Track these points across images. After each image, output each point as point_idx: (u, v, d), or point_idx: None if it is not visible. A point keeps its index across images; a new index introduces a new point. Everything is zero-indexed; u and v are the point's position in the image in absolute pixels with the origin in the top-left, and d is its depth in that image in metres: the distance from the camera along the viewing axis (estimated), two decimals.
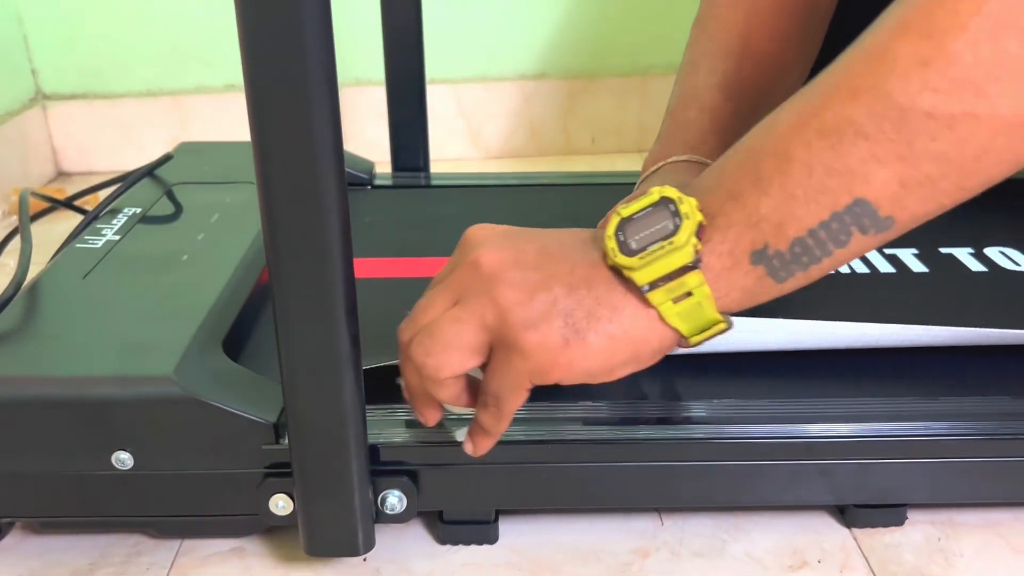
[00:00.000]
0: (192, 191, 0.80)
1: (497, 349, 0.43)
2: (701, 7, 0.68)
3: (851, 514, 0.54)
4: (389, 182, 0.92)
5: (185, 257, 0.67)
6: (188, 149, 0.90)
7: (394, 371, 0.54)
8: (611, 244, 0.42)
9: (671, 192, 0.42)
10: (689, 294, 0.41)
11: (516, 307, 0.42)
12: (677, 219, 0.41)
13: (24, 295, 0.61)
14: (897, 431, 0.52)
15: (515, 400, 0.44)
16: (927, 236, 0.72)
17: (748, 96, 0.62)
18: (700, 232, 0.41)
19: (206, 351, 0.54)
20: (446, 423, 0.51)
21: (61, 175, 1.23)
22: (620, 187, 0.95)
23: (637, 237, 0.42)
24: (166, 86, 1.21)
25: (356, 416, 0.46)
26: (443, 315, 0.44)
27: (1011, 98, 0.37)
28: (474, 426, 0.46)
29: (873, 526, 0.54)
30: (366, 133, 1.16)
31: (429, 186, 0.93)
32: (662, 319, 0.42)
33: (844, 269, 0.69)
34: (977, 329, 0.56)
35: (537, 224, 0.81)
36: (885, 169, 0.38)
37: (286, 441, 0.48)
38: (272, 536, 0.55)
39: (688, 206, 0.41)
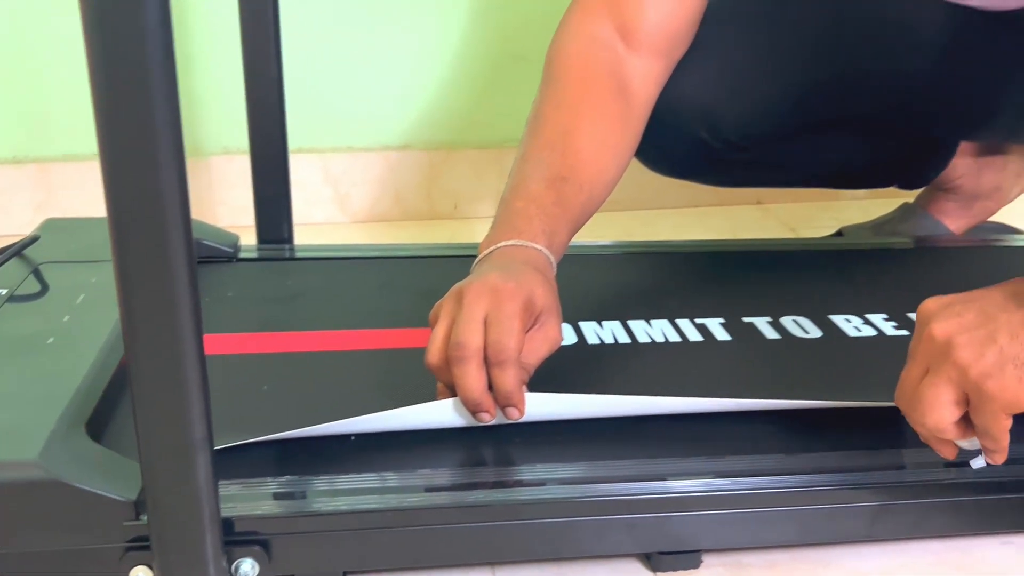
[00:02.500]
0: (59, 270, 0.80)
1: (971, 396, 0.51)
2: (532, 108, 0.76)
3: (655, 560, 0.60)
4: (254, 255, 0.95)
5: (51, 340, 0.68)
6: (55, 226, 0.91)
7: (251, 445, 0.59)
8: None
9: None
10: None
11: (972, 364, 0.50)
12: None
13: None
14: (690, 487, 0.59)
15: (999, 427, 0.52)
16: (732, 307, 0.82)
17: (569, 185, 0.70)
18: None
19: (70, 434, 0.56)
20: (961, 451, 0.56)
21: None
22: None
23: None
24: (32, 153, 1.21)
25: (209, 492, 0.49)
26: (921, 384, 0.53)
27: None
28: (985, 452, 0.54)
29: (674, 570, 0.60)
30: (236, 200, 1.19)
31: (293, 258, 0.96)
32: None
33: (659, 338, 0.77)
34: (763, 400, 0.64)
35: (399, 296, 0.87)
36: None
37: (145, 517, 0.50)
38: None
39: None
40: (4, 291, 0.76)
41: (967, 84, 0.88)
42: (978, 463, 0.56)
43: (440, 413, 0.61)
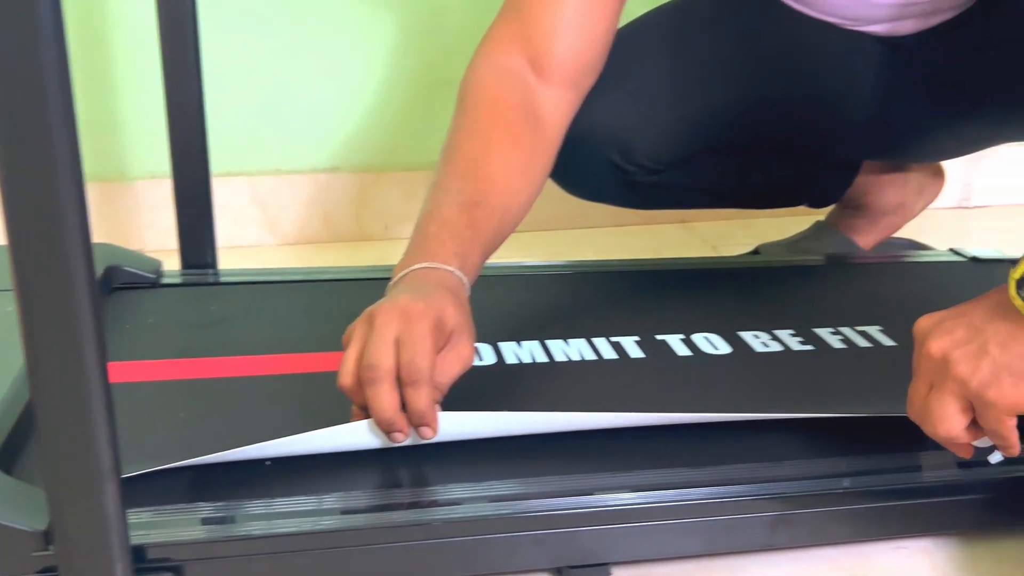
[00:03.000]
0: None
1: (975, 405, 0.56)
2: (447, 137, 0.78)
3: (566, 575, 0.61)
4: (177, 280, 0.94)
5: None
6: None
7: (165, 471, 0.59)
8: (1018, 303, 0.54)
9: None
10: None
11: (970, 377, 0.54)
12: None
13: None
14: (598, 502, 0.61)
15: (1006, 428, 0.55)
16: (646, 325, 0.85)
17: (481, 210, 0.72)
18: None
19: None
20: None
21: None
22: None
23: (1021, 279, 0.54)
24: None
25: (118, 520, 0.49)
26: (928, 398, 0.58)
27: None
28: (999, 449, 0.58)
29: None
30: (164, 224, 1.19)
31: (217, 283, 0.96)
32: None
33: (575, 356, 0.80)
34: (672, 414, 0.67)
35: (324, 319, 0.87)
36: None
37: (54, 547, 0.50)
38: None
39: None
40: None
41: (866, 106, 0.92)
42: (995, 458, 0.60)
43: (354, 435, 0.62)
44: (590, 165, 0.87)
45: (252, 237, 1.27)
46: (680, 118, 0.90)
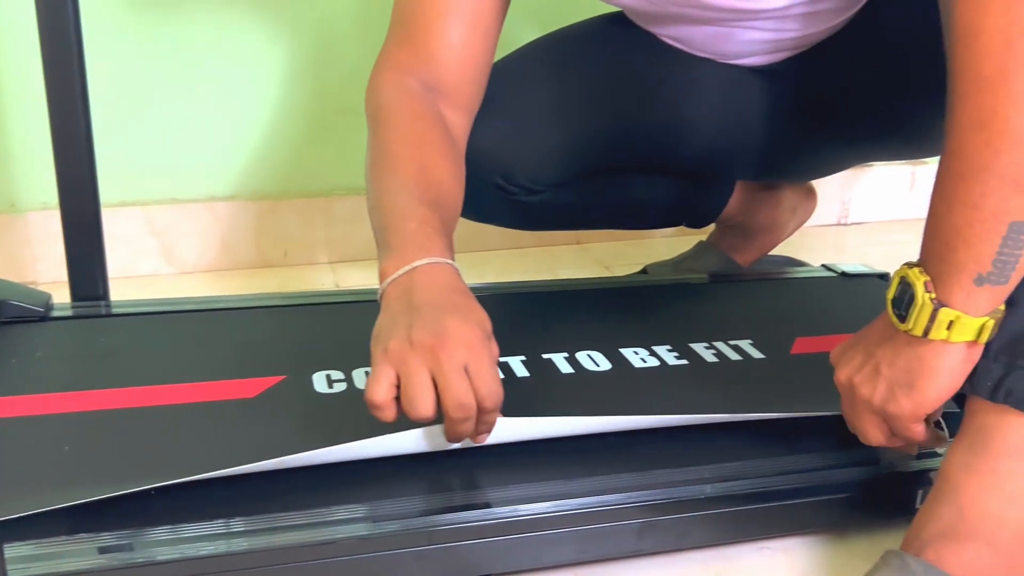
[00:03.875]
0: None
1: (884, 418, 0.63)
2: (374, 155, 0.77)
3: None
4: (68, 313, 0.93)
5: None
6: None
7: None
8: (894, 320, 0.60)
9: (901, 271, 0.61)
10: (953, 321, 0.57)
11: (872, 398, 0.62)
12: (911, 289, 0.59)
13: None
14: (474, 517, 0.63)
15: (912, 432, 0.63)
16: (533, 345, 0.87)
17: (444, 210, 0.73)
18: (928, 286, 0.58)
19: None
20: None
21: None
22: (306, 307, 1.02)
23: (899, 311, 0.60)
24: None
25: None
26: (851, 418, 0.66)
27: None
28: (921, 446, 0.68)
29: None
30: (58, 256, 1.17)
31: (110, 315, 0.95)
32: (951, 342, 0.58)
33: (523, 372, 0.83)
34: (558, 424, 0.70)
35: (217, 348, 0.88)
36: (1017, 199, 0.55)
37: None
38: None
39: (913, 276, 0.59)
40: None
41: (740, 130, 0.96)
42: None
43: (406, 442, 0.65)
44: (477, 187, 0.89)
45: (148, 267, 1.27)
46: (559, 142, 0.93)
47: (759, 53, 0.91)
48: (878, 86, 0.91)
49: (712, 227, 1.20)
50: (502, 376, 0.79)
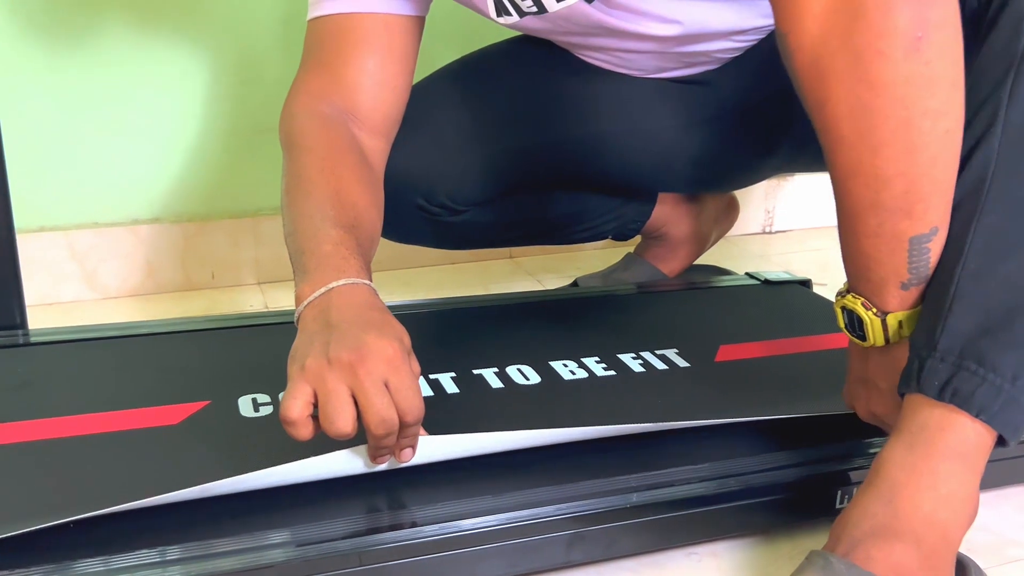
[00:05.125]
0: None
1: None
2: (288, 181, 0.77)
3: None
4: None
5: None
6: None
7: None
8: (858, 343, 0.67)
9: (839, 303, 0.67)
10: (901, 321, 0.64)
11: (891, 411, 0.67)
12: (855, 313, 0.65)
13: None
14: (404, 536, 0.63)
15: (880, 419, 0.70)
16: (463, 360, 0.88)
17: (360, 232, 0.72)
18: (866, 305, 0.65)
19: None
20: None
21: None
22: (232, 330, 1.01)
23: (856, 333, 0.66)
24: None
25: None
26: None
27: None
28: None
29: None
30: None
31: (28, 344, 0.93)
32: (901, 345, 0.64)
33: (453, 389, 0.78)
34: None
35: (142, 375, 0.86)
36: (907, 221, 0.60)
37: None
38: None
39: (851, 302, 0.65)
40: None
41: (656, 144, 0.97)
42: None
43: (335, 464, 0.65)
44: (399, 209, 0.89)
45: (71, 293, 1.24)
46: (479, 161, 0.94)
47: (677, 68, 0.93)
48: (794, 98, 0.92)
49: (639, 238, 1.22)
50: (428, 393, 0.80)
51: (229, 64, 1.24)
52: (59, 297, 1.23)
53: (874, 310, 0.64)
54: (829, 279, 1.17)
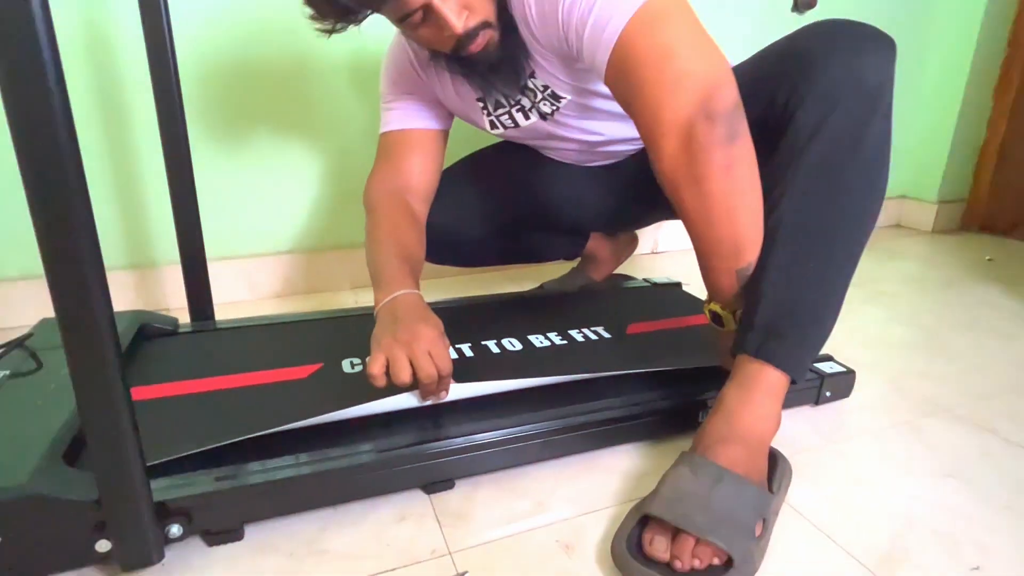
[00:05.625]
0: (49, 354, 0.73)
1: None
2: (369, 231, 0.76)
3: (428, 488, 0.63)
4: (188, 329, 0.88)
5: (40, 402, 0.63)
6: (47, 323, 0.82)
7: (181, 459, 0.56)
8: (719, 329, 0.65)
9: (707, 309, 0.65)
10: (736, 310, 0.63)
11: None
12: (718, 315, 0.64)
13: None
14: (448, 445, 0.62)
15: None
16: (479, 333, 0.85)
17: (410, 260, 0.72)
18: (723, 308, 0.64)
19: (50, 463, 0.53)
20: None
21: None
22: (337, 319, 0.95)
23: (720, 325, 0.65)
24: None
25: (143, 486, 0.48)
26: None
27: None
28: None
29: (437, 492, 0.63)
30: (180, 292, 1.13)
31: (216, 330, 0.89)
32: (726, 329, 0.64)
33: (469, 353, 0.75)
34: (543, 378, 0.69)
35: (282, 348, 0.84)
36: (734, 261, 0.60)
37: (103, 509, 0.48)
38: (100, 566, 0.53)
39: (716, 307, 0.64)
40: (8, 371, 0.69)
41: (591, 206, 0.95)
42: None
43: (401, 401, 0.63)
44: (434, 243, 0.89)
45: (238, 296, 1.22)
46: (481, 215, 0.93)
47: (600, 159, 0.91)
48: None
49: (580, 258, 1.20)
50: (455, 357, 0.80)
51: (334, 153, 1.22)
52: (231, 298, 1.21)
53: (727, 310, 0.64)
54: (693, 282, 1.16)
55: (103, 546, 0.51)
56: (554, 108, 0.77)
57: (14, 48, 0.37)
